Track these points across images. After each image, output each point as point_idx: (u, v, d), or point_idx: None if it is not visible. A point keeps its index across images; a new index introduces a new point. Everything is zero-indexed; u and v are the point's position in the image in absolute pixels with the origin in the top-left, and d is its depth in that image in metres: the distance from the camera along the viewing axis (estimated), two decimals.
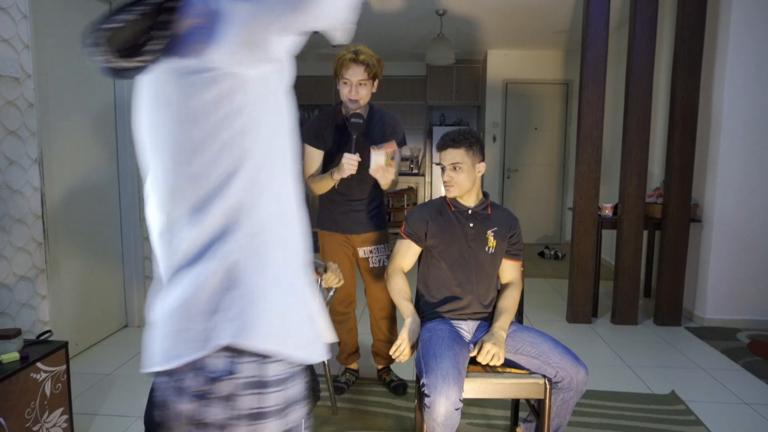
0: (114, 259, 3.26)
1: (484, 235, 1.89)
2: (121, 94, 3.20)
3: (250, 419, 0.78)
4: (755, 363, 2.86)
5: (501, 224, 1.91)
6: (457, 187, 1.86)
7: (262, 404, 0.79)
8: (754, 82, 3.34)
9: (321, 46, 6.27)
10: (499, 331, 1.75)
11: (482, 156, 1.89)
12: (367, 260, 2.39)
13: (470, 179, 1.86)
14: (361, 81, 2.19)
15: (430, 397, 1.51)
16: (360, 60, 2.16)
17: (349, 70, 2.17)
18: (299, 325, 0.83)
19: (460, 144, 1.84)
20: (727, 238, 3.46)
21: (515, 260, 1.95)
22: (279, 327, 0.79)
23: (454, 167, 1.85)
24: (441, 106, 7.18)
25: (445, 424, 1.51)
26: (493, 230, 1.90)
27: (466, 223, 1.90)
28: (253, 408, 0.78)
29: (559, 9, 4.62)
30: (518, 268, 1.97)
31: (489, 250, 1.89)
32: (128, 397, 2.42)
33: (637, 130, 3.42)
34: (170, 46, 0.74)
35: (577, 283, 3.55)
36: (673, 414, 2.32)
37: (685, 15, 3.32)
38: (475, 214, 1.91)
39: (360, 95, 2.21)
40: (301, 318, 0.84)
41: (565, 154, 6.51)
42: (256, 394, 0.78)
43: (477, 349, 1.70)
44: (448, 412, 1.49)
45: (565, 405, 1.68)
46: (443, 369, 1.55)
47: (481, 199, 1.94)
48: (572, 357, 1.67)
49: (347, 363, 2.57)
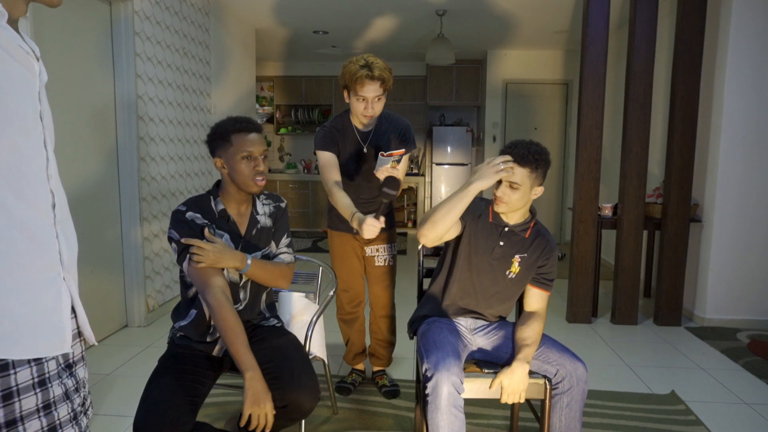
0: (114, 259, 3.26)
1: (510, 259, 1.76)
2: (122, 94, 3.20)
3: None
4: (755, 363, 2.86)
5: (533, 252, 1.77)
6: (508, 206, 1.70)
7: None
8: (754, 82, 3.34)
9: (321, 46, 6.26)
10: (521, 364, 1.63)
11: (543, 179, 1.69)
12: (374, 258, 2.39)
13: (523, 201, 1.69)
14: (377, 96, 2.11)
15: (431, 380, 1.49)
16: (376, 76, 2.06)
17: (365, 87, 2.07)
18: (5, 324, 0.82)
19: (527, 164, 1.64)
20: (727, 238, 3.46)
21: (543, 289, 1.81)
22: None
23: (510, 185, 1.67)
24: (441, 106, 7.18)
25: (449, 410, 1.48)
26: (522, 256, 1.76)
27: (496, 240, 1.76)
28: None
29: (559, 9, 4.62)
30: (545, 299, 1.81)
31: (509, 275, 1.77)
32: (128, 397, 2.42)
33: (637, 130, 3.42)
34: None
35: (577, 283, 3.55)
36: (673, 414, 2.32)
37: (685, 15, 3.32)
38: (510, 233, 1.76)
39: (375, 111, 2.15)
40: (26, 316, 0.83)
41: (565, 154, 6.51)
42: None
43: (497, 386, 1.62)
44: (451, 393, 1.48)
45: (572, 411, 1.64)
46: (443, 351, 1.55)
47: (526, 218, 1.77)
48: (570, 354, 1.68)
49: (354, 363, 2.57)
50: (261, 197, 1.78)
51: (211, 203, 1.67)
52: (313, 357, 1.93)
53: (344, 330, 2.51)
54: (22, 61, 0.85)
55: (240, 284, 1.70)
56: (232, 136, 1.62)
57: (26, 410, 0.84)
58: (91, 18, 3.00)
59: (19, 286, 0.84)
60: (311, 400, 1.61)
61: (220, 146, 1.63)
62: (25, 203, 0.85)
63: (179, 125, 3.80)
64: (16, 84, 0.84)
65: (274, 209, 1.79)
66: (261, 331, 1.77)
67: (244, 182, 1.63)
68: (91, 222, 3.01)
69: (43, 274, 0.88)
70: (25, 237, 0.84)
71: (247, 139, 1.61)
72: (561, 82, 6.40)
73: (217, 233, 1.63)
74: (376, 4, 4.54)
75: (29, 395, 0.85)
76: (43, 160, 0.89)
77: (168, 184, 3.67)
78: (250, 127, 1.64)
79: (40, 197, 0.88)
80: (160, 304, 3.60)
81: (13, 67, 0.83)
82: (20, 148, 0.84)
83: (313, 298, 2.17)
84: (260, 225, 1.73)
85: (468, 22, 5.10)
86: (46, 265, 0.88)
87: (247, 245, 1.69)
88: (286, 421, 1.69)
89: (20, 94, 0.85)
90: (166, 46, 3.59)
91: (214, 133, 1.65)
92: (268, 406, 1.47)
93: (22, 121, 0.85)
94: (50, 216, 0.90)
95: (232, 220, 1.67)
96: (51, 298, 0.89)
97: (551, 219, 6.67)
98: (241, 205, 1.70)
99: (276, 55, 6.93)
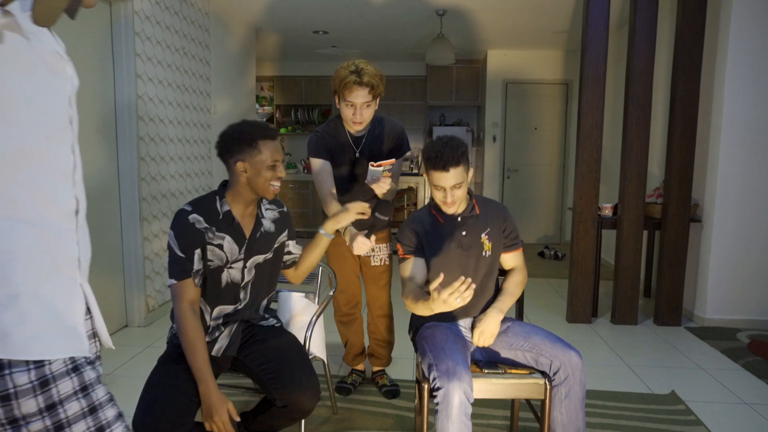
0: (114, 259, 3.26)
1: (479, 240, 1.82)
2: (122, 94, 3.20)
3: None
4: (755, 363, 2.86)
5: (492, 221, 1.85)
6: (459, 203, 1.78)
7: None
8: (754, 82, 3.34)
9: (321, 46, 6.27)
10: (494, 312, 1.76)
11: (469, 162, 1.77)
12: (370, 258, 2.39)
13: (465, 190, 1.78)
14: (365, 103, 2.12)
15: (442, 390, 1.49)
16: (364, 82, 2.06)
17: (353, 93, 2.08)
18: (22, 326, 0.82)
19: (460, 161, 1.70)
20: (727, 238, 3.46)
21: (514, 250, 1.90)
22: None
23: (453, 187, 1.72)
24: (441, 106, 7.17)
25: (459, 419, 1.48)
26: (487, 232, 1.83)
27: (458, 233, 1.82)
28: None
29: (559, 9, 4.62)
30: (519, 256, 1.91)
31: (486, 254, 1.83)
32: (128, 397, 2.41)
33: (637, 130, 3.42)
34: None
35: (577, 283, 3.55)
36: (673, 414, 2.31)
37: (685, 15, 3.32)
38: (465, 220, 1.82)
39: (364, 117, 2.15)
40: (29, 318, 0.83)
41: (565, 154, 6.51)
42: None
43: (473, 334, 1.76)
44: (462, 402, 1.48)
45: (572, 402, 1.65)
46: (452, 360, 1.55)
47: (468, 202, 1.84)
48: (563, 343, 1.68)
49: (354, 364, 2.56)
50: (264, 201, 1.79)
51: (216, 204, 1.66)
52: (313, 357, 1.93)
53: (342, 332, 2.51)
54: (57, 70, 0.86)
55: (241, 285, 1.71)
56: (260, 142, 1.61)
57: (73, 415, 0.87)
58: (91, 18, 3.00)
59: (46, 291, 0.85)
60: (312, 399, 1.61)
61: (244, 151, 1.61)
62: (52, 210, 0.85)
63: (179, 125, 3.80)
64: (48, 94, 0.84)
65: (278, 215, 1.81)
66: (260, 331, 1.78)
67: (263, 187, 1.64)
68: (91, 222, 2.99)
69: (63, 279, 0.88)
70: (51, 243, 0.85)
71: (274, 148, 1.64)
72: (561, 82, 6.40)
73: (217, 236, 1.63)
74: (376, 4, 4.54)
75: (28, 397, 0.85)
76: (71, 166, 0.89)
77: (168, 184, 3.67)
78: (275, 135, 1.66)
79: (66, 203, 0.88)
80: (160, 304, 3.60)
81: (47, 77, 0.84)
82: (49, 154, 0.85)
83: (313, 298, 2.17)
84: (264, 229, 1.74)
85: (468, 22, 5.11)
86: (67, 270, 0.89)
87: (250, 248, 1.69)
88: (287, 420, 1.70)
89: (52, 102, 0.85)
90: (166, 46, 3.59)
91: (237, 137, 1.63)
92: (223, 416, 1.50)
93: (53, 127, 0.85)
94: (73, 222, 0.90)
95: (236, 221, 1.67)
96: (68, 302, 0.89)
97: (551, 219, 6.67)
98: (248, 208, 1.70)
99: (276, 55, 6.93)
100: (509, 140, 6.54)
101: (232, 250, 1.65)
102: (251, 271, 1.71)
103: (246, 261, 1.69)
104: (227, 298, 1.69)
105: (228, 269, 1.66)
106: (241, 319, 1.73)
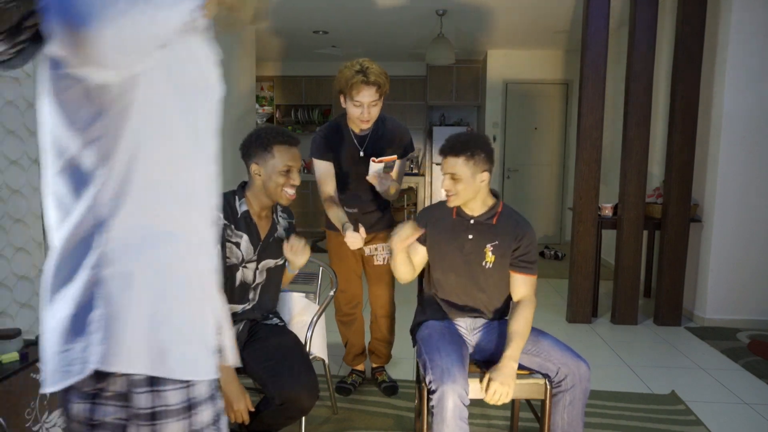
0: None
1: (482, 250, 1.75)
2: None
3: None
4: (755, 363, 2.86)
5: (504, 237, 1.75)
6: (457, 197, 1.72)
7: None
8: (754, 81, 3.34)
9: (321, 46, 6.27)
10: (508, 363, 1.59)
11: (488, 165, 1.70)
12: (372, 257, 2.39)
13: (471, 189, 1.70)
14: (373, 102, 2.12)
15: (436, 393, 1.49)
16: (371, 81, 2.07)
17: (361, 92, 2.08)
18: (179, 344, 0.79)
19: (459, 153, 1.67)
20: (727, 238, 3.46)
21: (524, 274, 1.75)
22: (149, 347, 0.75)
23: (452, 176, 1.70)
24: (441, 106, 7.18)
25: (454, 422, 1.48)
26: (494, 244, 1.75)
27: (465, 234, 1.77)
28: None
29: (559, 9, 4.62)
30: (529, 283, 1.76)
31: (486, 265, 1.76)
32: None
33: (637, 130, 3.42)
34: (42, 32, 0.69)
35: (577, 283, 3.55)
36: (673, 414, 2.31)
37: (685, 15, 3.32)
38: (477, 225, 1.76)
39: (372, 116, 2.16)
40: (183, 335, 0.79)
41: (565, 154, 6.51)
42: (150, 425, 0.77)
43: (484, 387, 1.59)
44: (456, 405, 1.47)
45: (575, 409, 1.64)
46: (447, 362, 1.54)
47: (490, 206, 1.77)
48: (572, 353, 1.67)
49: (354, 364, 2.57)
50: (278, 208, 1.84)
51: (235, 202, 1.71)
52: (314, 357, 1.94)
53: (343, 332, 2.51)
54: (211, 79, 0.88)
55: (252, 285, 1.75)
56: (275, 147, 1.65)
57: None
58: None
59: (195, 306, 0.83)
60: (310, 397, 1.61)
61: (258, 154, 1.66)
62: (199, 221, 0.84)
63: None
64: (209, 119, 0.85)
65: (288, 225, 1.86)
66: (262, 329, 1.79)
67: (275, 192, 1.67)
68: None
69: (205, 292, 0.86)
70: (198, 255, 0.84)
71: (288, 154, 1.66)
72: (561, 82, 6.40)
73: (236, 234, 1.68)
74: (376, 4, 4.54)
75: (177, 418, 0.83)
76: (213, 176, 0.89)
77: None
78: (293, 141, 1.68)
79: (209, 214, 0.87)
80: None
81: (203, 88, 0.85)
82: (199, 165, 0.84)
83: (313, 298, 2.17)
84: (277, 234, 1.79)
85: (468, 22, 5.11)
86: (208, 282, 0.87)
87: (264, 250, 1.74)
88: (286, 419, 1.70)
89: (204, 114, 0.85)
90: None
91: (255, 140, 1.68)
92: (242, 405, 1.55)
93: (202, 138, 0.85)
94: (213, 233, 0.89)
95: (253, 222, 1.71)
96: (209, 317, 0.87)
97: (551, 219, 6.67)
98: (263, 211, 1.75)
99: (276, 55, 6.93)
100: (509, 140, 6.54)
101: (247, 250, 1.70)
102: (263, 273, 1.76)
103: (258, 263, 1.74)
104: (237, 297, 1.73)
105: (243, 268, 1.70)
106: (246, 319, 1.76)
